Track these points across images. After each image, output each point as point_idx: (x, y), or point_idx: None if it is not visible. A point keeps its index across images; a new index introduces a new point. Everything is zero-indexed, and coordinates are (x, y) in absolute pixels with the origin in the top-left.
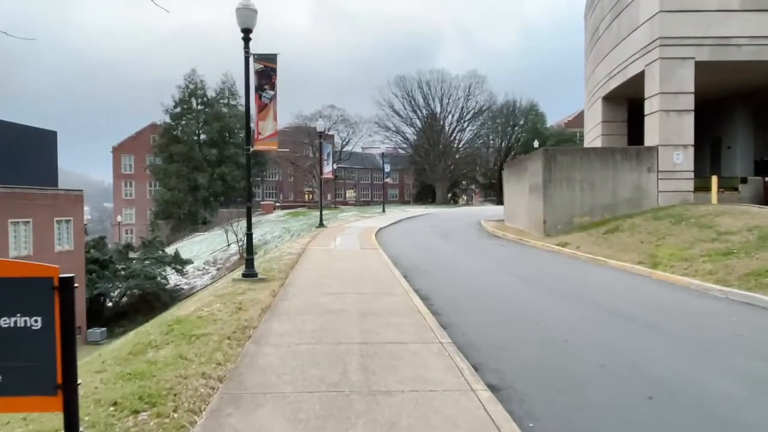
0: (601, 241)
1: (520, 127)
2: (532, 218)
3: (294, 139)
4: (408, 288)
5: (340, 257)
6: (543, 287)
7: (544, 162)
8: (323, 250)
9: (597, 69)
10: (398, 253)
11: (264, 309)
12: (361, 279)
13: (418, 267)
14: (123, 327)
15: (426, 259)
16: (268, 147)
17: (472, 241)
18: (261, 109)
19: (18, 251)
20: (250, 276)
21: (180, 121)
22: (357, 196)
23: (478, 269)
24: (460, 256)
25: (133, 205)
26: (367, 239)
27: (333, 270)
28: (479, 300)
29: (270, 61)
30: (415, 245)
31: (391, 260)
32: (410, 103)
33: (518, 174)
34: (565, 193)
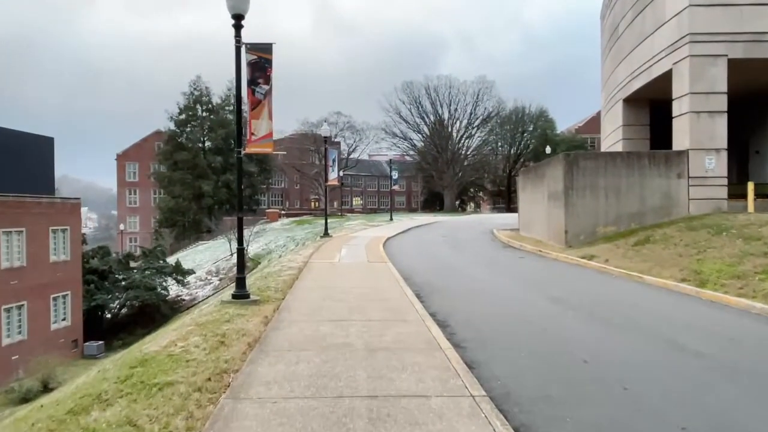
0: (632, 253)
1: (529, 133)
2: (551, 228)
3: (300, 146)
4: (423, 312)
5: (345, 272)
6: (579, 311)
7: (565, 167)
8: (327, 264)
9: (617, 70)
10: (409, 267)
11: (251, 343)
12: (369, 300)
13: (431, 284)
14: (122, 340)
15: (439, 274)
16: (262, 149)
17: (488, 253)
18: (254, 106)
19: (11, 262)
20: (241, 297)
21: (185, 128)
22: (363, 203)
23: (500, 287)
24: (476, 271)
25: (137, 213)
26: (374, 250)
27: (337, 289)
28: (507, 328)
29: (264, 51)
30: (427, 257)
31: (401, 276)
32: (418, 110)
33: (535, 181)
34: (588, 201)
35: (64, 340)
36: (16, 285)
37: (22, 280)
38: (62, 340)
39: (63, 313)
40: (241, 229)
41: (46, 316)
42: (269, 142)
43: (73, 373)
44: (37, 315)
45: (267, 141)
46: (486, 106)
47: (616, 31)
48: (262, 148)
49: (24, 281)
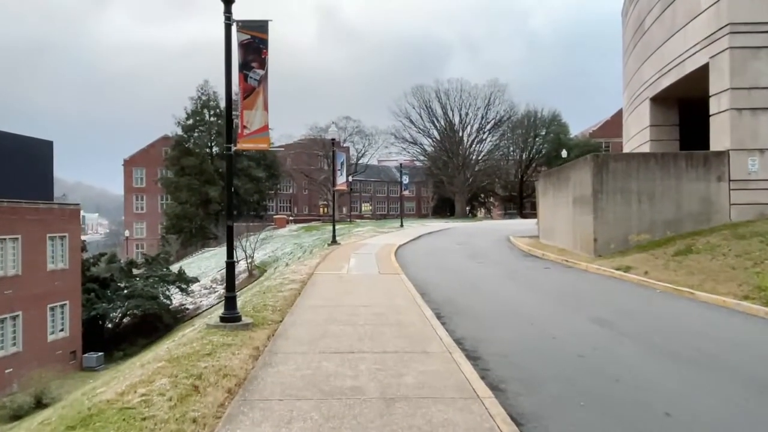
0: (674, 265)
1: (541, 137)
2: (577, 235)
3: (308, 151)
4: (448, 341)
5: (354, 286)
6: (635, 339)
7: (593, 170)
8: (334, 276)
9: (643, 67)
10: (425, 280)
11: (233, 389)
12: (382, 323)
13: (452, 301)
14: (123, 351)
15: (459, 288)
16: (256, 145)
17: (509, 263)
18: (247, 95)
19: (5, 271)
20: (231, 320)
21: (192, 133)
22: (373, 209)
23: (530, 305)
24: (500, 284)
25: (144, 219)
26: (385, 260)
27: (344, 308)
28: (553, 363)
29: (259, 29)
30: (443, 268)
31: (417, 291)
32: (428, 114)
33: (558, 185)
34: (619, 207)
35: (62, 351)
36: (10, 294)
37: (17, 290)
38: (60, 351)
39: (61, 324)
40: (232, 240)
41: (43, 326)
42: (264, 136)
43: (70, 387)
44: (33, 326)
45: (262, 135)
46: (498, 110)
47: (642, 27)
48: (255, 144)
49: (19, 290)
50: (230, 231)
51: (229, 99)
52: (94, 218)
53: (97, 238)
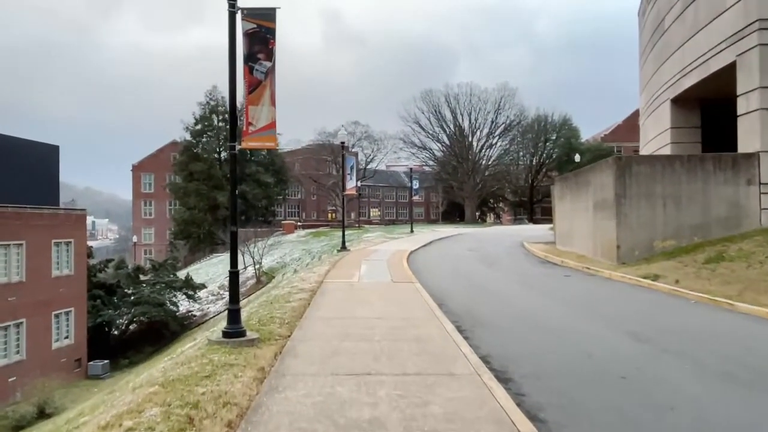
0: (707, 273)
1: (552, 142)
2: (598, 242)
3: (317, 156)
4: (475, 360)
5: (366, 296)
6: (680, 357)
7: (616, 173)
8: (345, 285)
9: (663, 68)
10: (440, 289)
11: (233, 421)
12: (400, 338)
13: (472, 313)
14: (129, 358)
15: (478, 297)
16: (263, 143)
17: (526, 270)
18: (252, 89)
19: (8, 277)
20: (234, 335)
21: (200, 139)
22: (381, 214)
23: (557, 317)
24: (520, 293)
25: (152, 225)
26: (398, 267)
27: (358, 320)
28: (593, 386)
29: (266, 18)
30: (458, 276)
31: (434, 300)
32: (437, 118)
33: (577, 189)
34: (643, 211)
35: (67, 359)
36: (14, 301)
37: (21, 296)
38: (64, 359)
39: (66, 331)
40: (236, 247)
41: (47, 334)
42: (271, 134)
43: (75, 396)
44: (37, 333)
45: (268, 133)
46: (508, 114)
47: (661, 26)
48: (262, 143)
49: (23, 297)
50: (234, 237)
51: (233, 93)
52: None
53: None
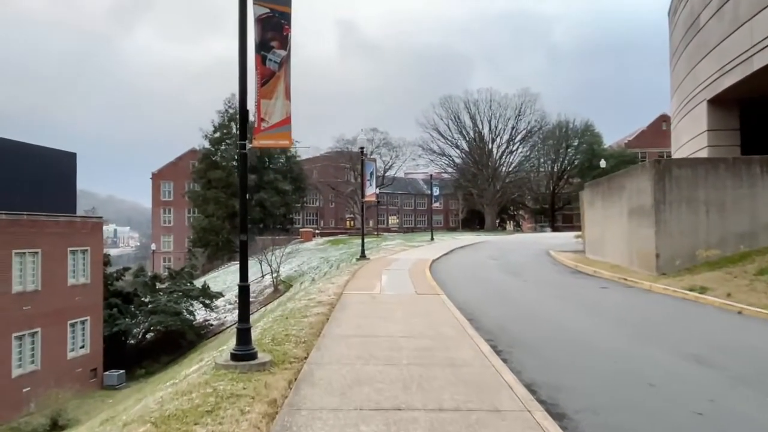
0: (763, 286)
1: (574, 148)
2: (634, 250)
3: (335, 163)
4: (522, 392)
5: (389, 310)
6: (759, 387)
7: (654, 177)
8: (366, 297)
9: (698, 67)
10: (469, 302)
11: None
12: (430, 362)
13: (507, 330)
14: (145, 368)
15: (511, 312)
16: (276, 142)
17: (559, 281)
18: (265, 80)
19: (24, 286)
20: (244, 358)
21: (219, 146)
22: (400, 222)
23: (603, 336)
24: (556, 307)
25: (171, 233)
26: (420, 277)
27: (382, 339)
28: (670, 428)
29: (280, 1)
30: (487, 287)
31: (463, 315)
32: (456, 125)
33: (609, 195)
34: (685, 218)
35: (82, 369)
36: (29, 311)
37: (36, 305)
38: (80, 369)
39: (81, 340)
40: (246, 258)
41: (63, 343)
42: (285, 131)
43: (89, 408)
44: (53, 343)
45: (283, 130)
46: (529, 120)
47: (696, 24)
48: (275, 140)
49: (38, 306)
50: (244, 247)
51: (243, 86)
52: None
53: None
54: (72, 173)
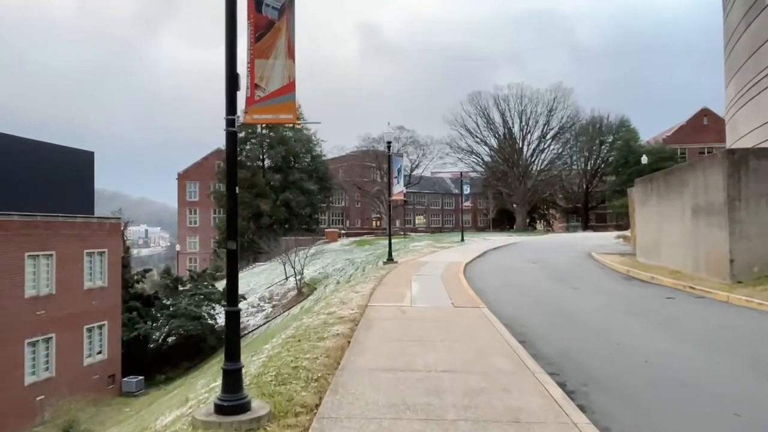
0: None
1: (608, 145)
2: (701, 254)
3: (361, 162)
4: None
5: (423, 330)
6: None
7: (727, 170)
8: (395, 311)
9: (765, 48)
10: (516, 318)
11: None
12: (486, 417)
13: (574, 359)
14: (165, 374)
15: (569, 331)
16: (275, 116)
17: (613, 290)
18: (260, 34)
19: (37, 290)
20: (232, 412)
21: (244, 146)
22: (427, 222)
23: (699, 366)
24: (624, 325)
25: (197, 233)
26: (455, 285)
27: (417, 376)
28: None
29: None
30: (532, 297)
31: (513, 335)
32: (486, 122)
33: (667, 191)
34: (764, 218)
35: (99, 375)
36: (43, 315)
37: (51, 310)
38: (97, 376)
39: (99, 346)
40: (234, 274)
41: (79, 349)
42: (288, 101)
43: (105, 417)
44: (68, 348)
45: (284, 100)
46: (562, 115)
47: (760, 1)
48: (275, 114)
49: (52, 311)
50: (233, 259)
51: (231, 39)
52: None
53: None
54: (90, 172)
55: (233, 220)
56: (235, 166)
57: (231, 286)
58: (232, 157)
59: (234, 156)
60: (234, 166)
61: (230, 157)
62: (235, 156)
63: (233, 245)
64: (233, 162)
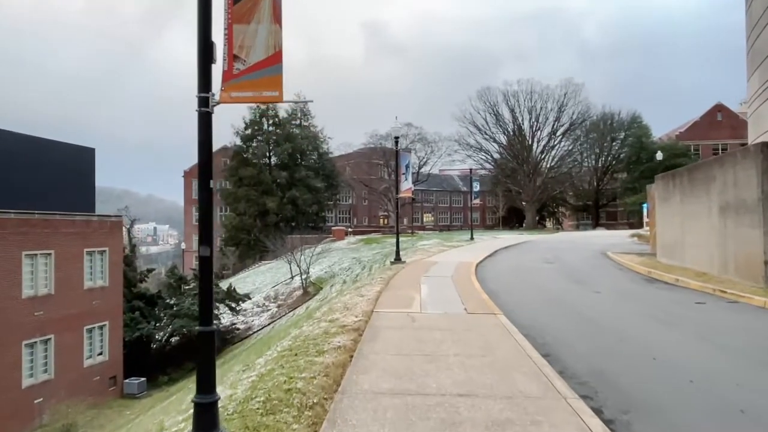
0: None
1: (619, 141)
2: (730, 255)
3: (368, 160)
4: None
5: (436, 342)
6: None
7: (762, 164)
8: (403, 319)
9: None
10: (537, 326)
11: None
12: None
13: (608, 378)
14: (168, 375)
15: (599, 343)
16: (258, 93)
17: (637, 293)
18: None
19: (35, 290)
20: None
21: (250, 143)
22: (435, 220)
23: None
24: (654, 333)
25: None
26: (467, 287)
27: (429, 401)
28: None
29: None
30: (552, 302)
31: (534, 347)
32: (495, 118)
33: (692, 187)
34: None
35: (100, 377)
36: (41, 316)
37: (49, 310)
38: (97, 377)
39: (99, 347)
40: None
41: (79, 350)
42: (274, 74)
43: (105, 420)
44: (67, 350)
45: (269, 73)
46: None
47: None
48: (258, 91)
49: (51, 311)
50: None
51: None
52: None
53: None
54: (91, 170)
55: (207, 220)
56: (209, 155)
57: (204, 301)
58: (206, 145)
59: (208, 143)
60: (208, 156)
61: (204, 145)
62: (209, 143)
63: (206, 251)
64: (207, 150)
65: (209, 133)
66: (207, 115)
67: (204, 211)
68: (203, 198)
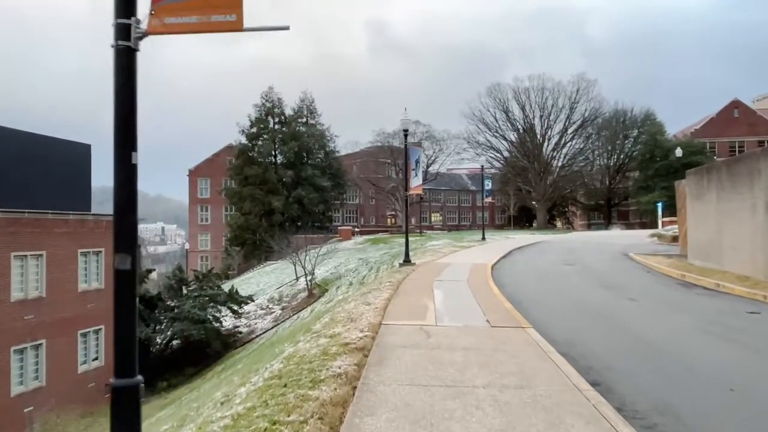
0: None
1: (632, 139)
2: None
3: (375, 158)
4: None
5: (458, 368)
6: None
7: None
8: (416, 334)
9: None
10: (576, 344)
11: None
12: None
13: (684, 420)
14: (167, 380)
15: (654, 365)
16: (202, 19)
17: (678, 301)
18: None
19: (25, 293)
20: None
21: (256, 142)
22: (443, 219)
23: None
24: (716, 352)
25: (208, 231)
26: (486, 294)
27: None
28: None
29: None
30: (584, 311)
31: (580, 373)
32: (505, 116)
33: (731, 183)
34: None
35: (95, 384)
36: (31, 320)
37: (40, 314)
38: (92, 384)
39: (95, 352)
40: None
41: (72, 356)
42: None
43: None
44: (60, 356)
45: None
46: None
47: None
48: (202, 16)
49: (42, 315)
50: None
51: None
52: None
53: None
54: (87, 167)
55: (129, 212)
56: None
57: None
58: (126, 96)
59: (128, 93)
60: (129, 112)
61: (121, 96)
62: (132, 94)
63: (125, 263)
64: (127, 105)
65: (131, 75)
66: (128, 51)
67: (125, 200)
68: (122, 179)
